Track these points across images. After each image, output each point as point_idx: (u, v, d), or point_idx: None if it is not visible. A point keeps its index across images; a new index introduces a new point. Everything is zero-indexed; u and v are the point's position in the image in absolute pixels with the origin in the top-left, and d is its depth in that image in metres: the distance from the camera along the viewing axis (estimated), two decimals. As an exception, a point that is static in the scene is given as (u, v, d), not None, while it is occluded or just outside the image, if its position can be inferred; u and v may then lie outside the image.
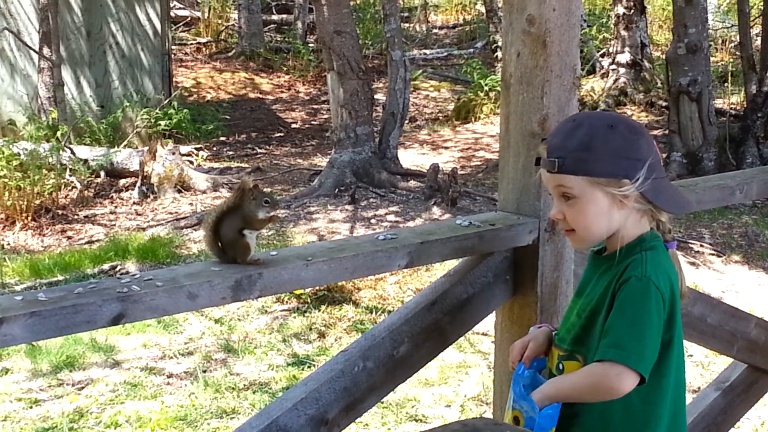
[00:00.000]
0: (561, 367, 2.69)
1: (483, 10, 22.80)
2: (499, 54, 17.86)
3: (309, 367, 6.70)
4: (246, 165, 13.61)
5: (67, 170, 11.82)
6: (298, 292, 7.80)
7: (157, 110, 14.37)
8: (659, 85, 16.48)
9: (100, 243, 9.93)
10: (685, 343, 6.55)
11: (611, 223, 2.59)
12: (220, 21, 23.39)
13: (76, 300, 2.44)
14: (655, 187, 2.57)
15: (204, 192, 11.84)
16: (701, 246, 9.56)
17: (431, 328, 3.16)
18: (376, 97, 13.48)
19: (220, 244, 2.79)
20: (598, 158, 2.55)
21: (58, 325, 2.41)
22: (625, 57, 16.63)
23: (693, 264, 9.11)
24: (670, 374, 2.59)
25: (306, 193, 11.39)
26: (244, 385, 6.48)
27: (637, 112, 16.18)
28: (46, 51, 13.74)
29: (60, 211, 11.18)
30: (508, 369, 2.92)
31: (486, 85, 16.64)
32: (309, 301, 7.93)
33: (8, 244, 10.18)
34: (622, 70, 16.69)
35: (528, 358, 2.77)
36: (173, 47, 18.75)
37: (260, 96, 19.28)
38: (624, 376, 2.45)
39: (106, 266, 8.86)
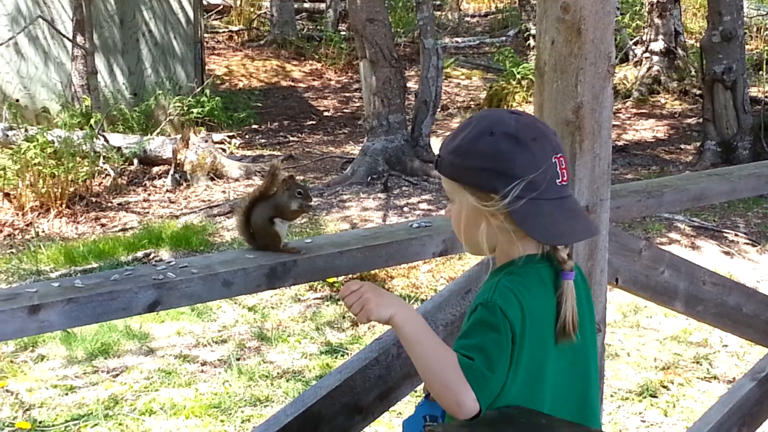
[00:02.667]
0: None
1: (515, -3, 22.75)
2: (532, 42, 17.80)
3: (342, 355, 6.72)
4: (278, 153, 13.65)
5: (101, 158, 11.87)
6: (331, 280, 7.81)
7: (190, 98, 14.41)
8: (693, 73, 16.37)
9: (134, 230, 9.98)
10: (720, 333, 6.52)
11: (484, 237, 2.38)
12: (252, 9, 23.43)
13: (113, 287, 2.46)
14: (527, 208, 2.29)
15: (237, 180, 11.87)
16: (736, 235, 9.50)
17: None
18: (408, 85, 13.45)
19: (251, 230, 2.80)
20: (467, 165, 2.34)
21: (94, 311, 2.43)
22: (658, 45, 16.54)
23: (727, 253, 9.05)
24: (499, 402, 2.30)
25: (338, 181, 11.40)
26: (278, 373, 6.50)
27: (670, 100, 16.10)
28: (79, 39, 13.81)
29: (94, 199, 11.24)
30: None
31: (518, 73, 16.59)
32: (342, 289, 7.94)
33: (43, 231, 10.25)
34: (655, 58, 16.61)
35: None
36: (206, 35, 18.81)
37: (292, 84, 19.30)
38: (467, 398, 2.21)
39: (139, 254, 8.91)
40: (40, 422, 5.86)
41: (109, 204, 11.22)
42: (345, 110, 17.62)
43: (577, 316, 2.37)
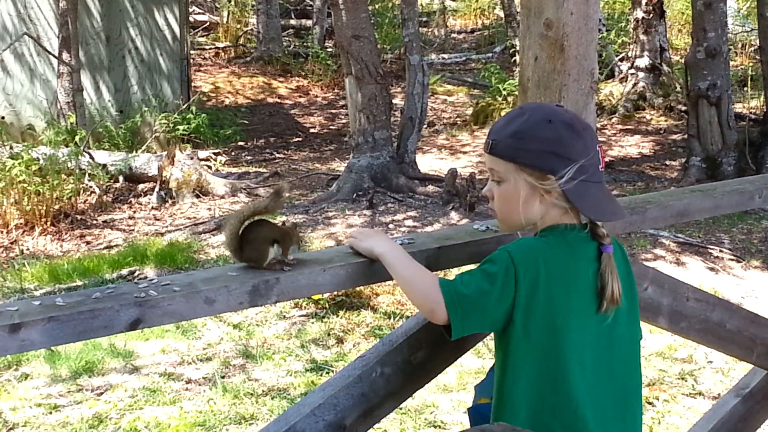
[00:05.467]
0: None
1: (502, 14, 22.83)
2: (518, 58, 17.89)
3: (327, 372, 6.70)
4: (264, 170, 13.64)
5: (86, 175, 11.85)
6: (316, 297, 7.80)
7: (176, 115, 14.41)
8: (678, 89, 16.43)
9: (119, 248, 9.96)
10: (705, 349, 6.52)
11: (528, 214, 2.64)
12: (238, 26, 23.45)
13: (94, 305, 2.44)
14: (580, 188, 2.57)
15: (222, 197, 11.86)
16: (720, 251, 9.51)
17: (449, 334, 3.15)
18: (394, 101, 13.48)
19: (241, 242, 2.80)
20: (528, 148, 2.58)
21: (75, 330, 2.41)
22: (644, 61, 16.61)
23: (712, 269, 9.07)
24: (523, 365, 2.57)
25: (324, 198, 11.40)
26: (263, 390, 6.48)
27: (656, 116, 16.14)
28: (65, 56, 13.80)
29: (79, 216, 11.22)
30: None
31: (504, 89, 16.64)
32: (327, 306, 7.93)
33: (27, 249, 10.22)
34: (641, 74, 16.67)
35: None
36: (192, 52, 18.80)
37: (278, 100, 19.31)
38: (439, 305, 2.56)
39: (124, 271, 8.88)
40: (23, 441, 5.83)
41: (95, 221, 11.19)
42: (331, 127, 17.63)
43: (620, 286, 2.62)
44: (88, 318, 2.42)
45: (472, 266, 3.30)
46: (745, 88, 16.65)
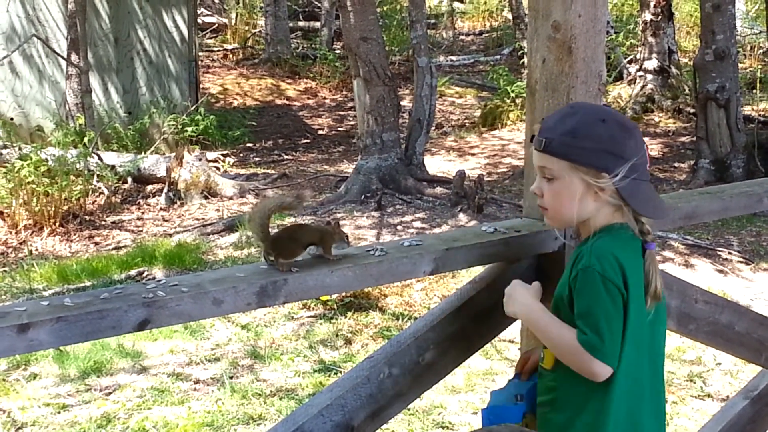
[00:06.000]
0: (542, 354, 2.80)
1: (510, 16, 22.82)
2: (526, 60, 17.89)
3: (335, 373, 6.70)
4: (273, 171, 13.64)
5: (95, 176, 11.87)
6: (324, 298, 7.80)
7: (184, 116, 14.42)
8: (687, 91, 16.41)
9: (128, 249, 9.97)
10: (714, 351, 6.51)
11: (582, 211, 2.68)
12: (247, 27, 23.49)
13: (102, 305, 2.45)
14: (632, 186, 2.64)
15: (231, 198, 11.87)
16: (729, 253, 9.50)
17: (457, 335, 3.15)
18: (402, 103, 13.48)
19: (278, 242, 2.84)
20: (583, 147, 2.63)
21: (83, 330, 2.42)
22: (652, 63, 16.58)
23: (721, 272, 9.05)
24: (619, 367, 2.59)
25: (332, 200, 11.40)
26: (271, 391, 6.48)
27: (664, 118, 16.13)
28: (74, 57, 13.81)
29: (87, 217, 11.23)
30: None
31: (512, 91, 16.63)
32: (335, 307, 7.93)
33: (36, 250, 10.24)
34: (649, 76, 16.65)
35: (528, 370, 2.92)
36: (200, 54, 18.83)
37: (287, 102, 19.32)
38: (596, 366, 2.55)
39: (133, 272, 8.89)
40: (32, 441, 5.84)
41: (103, 222, 11.21)
42: (339, 129, 17.64)
43: (662, 282, 2.70)
44: (97, 318, 2.43)
45: (481, 268, 3.31)
46: (754, 91, 16.62)
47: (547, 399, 2.76)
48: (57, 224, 10.82)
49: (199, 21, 18.93)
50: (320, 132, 17.37)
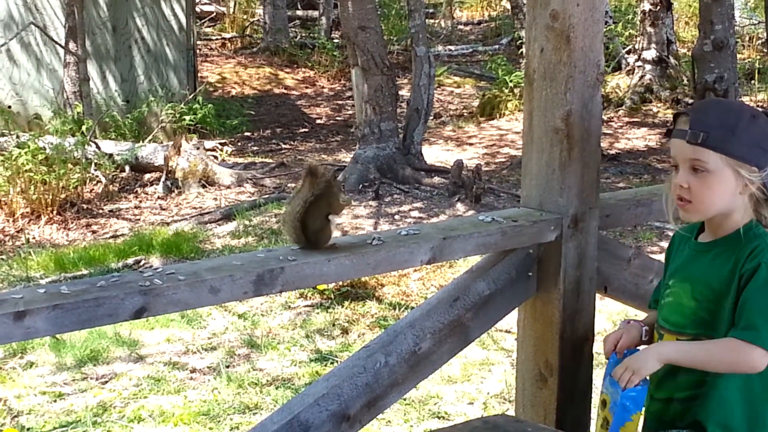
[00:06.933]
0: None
1: (508, 6, 22.78)
2: (524, 50, 17.88)
3: (332, 363, 6.70)
4: (270, 160, 13.63)
5: (92, 165, 11.86)
6: (321, 287, 7.80)
7: (182, 105, 14.39)
8: (685, 82, 16.37)
9: (125, 237, 9.97)
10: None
11: (729, 204, 2.77)
12: (245, 16, 23.44)
13: (99, 293, 2.45)
14: None
15: (228, 187, 11.86)
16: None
17: (454, 325, 3.16)
18: (400, 93, 13.44)
19: (307, 233, 2.87)
20: (740, 142, 2.72)
21: (80, 318, 2.42)
22: (651, 53, 16.55)
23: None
24: None
25: (330, 189, 11.37)
26: (267, 380, 6.48)
27: (662, 109, 16.10)
28: (71, 46, 13.80)
29: (85, 206, 11.22)
30: (531, 366, 2.94)
31: (511, 81, 16.59)
32: (332, 297, 7.93)
33: (33, 238, 10.23)
34: (647, 66, 16.61)
35: (622, 348, 2.92)
36: (198, 42, 18.79)
37: (285, 91, 19.29)
38: (757, 355, 2.66)
39: (130, 261, 8.89)
40: (28, 429, 5.83)
41: (100, 211, 11.21)
42: (337, 118, 17.62)
43: None
44: (93, 306, 2.43)
45: (478, 257, 3.31)
46: (753, 81, 16.60)
47: (692, 394, 2.84)
48: (54, 212, 10.81)
49: (197, 9, 18.90)
50: (318, 121, 17.35)
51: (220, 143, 14.27)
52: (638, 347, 2.92)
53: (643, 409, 2.80)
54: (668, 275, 3.01)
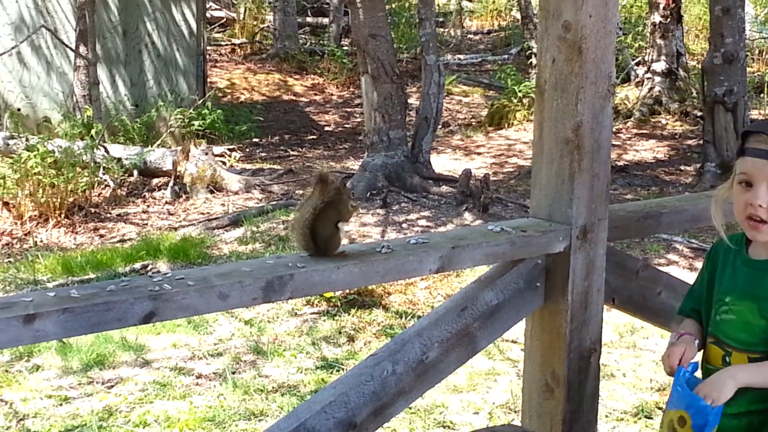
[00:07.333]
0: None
1: (518, 16, 22.80)
2: (534, 60, 17.84)
3: (338, 370, 6.70)
4: (279, 167, 13.64)
5: (101, 168, 11.87)
6: (328, 295, 7.79)
7: (191, 110, 14.42)
8: (694, 94, 16.37)
9: (132, 242, 9.98)
10: None
11: None
12: (255, 22, 23.47)
13: (108, 297, 2.45)
14: None
15: (236, 193, 11.87)
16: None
17: (461, 334, 3.16)
18: (409, 101, 13.45)
19: (317, 240, 2.88)
20: None
21: (89, 321, 2.42)
22: (660, 66, 16.55)
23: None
24: None
25: (338, 197, 11.36)
26: (273, 387, 6.48)
27: (671, 121, 16.10)
28: (82, 49, 13.83)
29: (93, 209, 11.24)
30: (538, 377, 2.93)
31: (520, 91, 16.60)
32: (339, 304, 7.92)
33: (41, 241, 10.25)
34: (657, 78, 16.61)
35: (687, 361, 2.90)
36: (208, 48, 18.83)
37: (294, 98, 19.31)
38: None
39: (137, 265, 8.90)
40: (33, 432, 5.85)
41: (108, 215, 11.22)
42: (346, 125, 17.63)
43: None
44: (103, 310, 2.43)
45: (486, 267, 3.31)
46: (762, 95, 16.59)
47: (763, 407, 2.85)
48: (62, 216, 10.83)
49: (207, 15, 18.94)
50: (327, 128, 17.36)
51: (229, 149, 14.29)
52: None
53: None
54: (722, 291, 2.99)
